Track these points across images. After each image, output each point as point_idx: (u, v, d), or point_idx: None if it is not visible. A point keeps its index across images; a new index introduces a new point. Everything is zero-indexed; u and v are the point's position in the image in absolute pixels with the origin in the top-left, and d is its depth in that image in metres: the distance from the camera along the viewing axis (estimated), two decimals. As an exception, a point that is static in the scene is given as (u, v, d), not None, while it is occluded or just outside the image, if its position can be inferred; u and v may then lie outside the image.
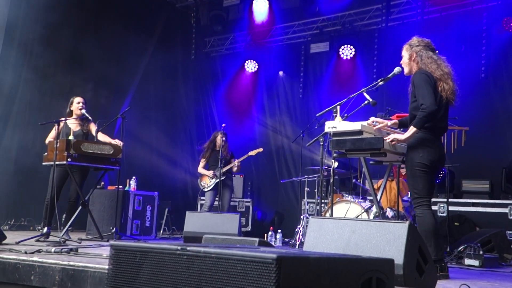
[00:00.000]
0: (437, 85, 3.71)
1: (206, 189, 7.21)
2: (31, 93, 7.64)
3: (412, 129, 3.74)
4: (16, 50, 7.42)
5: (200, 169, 7.31)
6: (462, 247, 4.91)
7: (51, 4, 7.66)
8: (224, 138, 7.13)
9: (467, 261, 4.65)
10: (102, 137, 5.73)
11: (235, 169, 7.23)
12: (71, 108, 5.74)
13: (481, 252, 4.67)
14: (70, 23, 7.99)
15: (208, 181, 7.20)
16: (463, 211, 6.70)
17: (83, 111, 5.69)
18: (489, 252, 5.20)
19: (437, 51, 3.89)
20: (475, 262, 4.59)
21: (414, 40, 3.92)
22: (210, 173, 7.16)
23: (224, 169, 7.07)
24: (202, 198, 8.62)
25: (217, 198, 7.21)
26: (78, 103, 5.71)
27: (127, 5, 8.74)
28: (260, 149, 7.36)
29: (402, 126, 4.15)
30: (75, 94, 5.97)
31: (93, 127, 5.79)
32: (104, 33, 8.43)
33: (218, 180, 7.02)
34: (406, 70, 3.96)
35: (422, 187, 3.72)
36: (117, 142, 5.66)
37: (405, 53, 3.93)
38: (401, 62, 3.99)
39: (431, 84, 3.69)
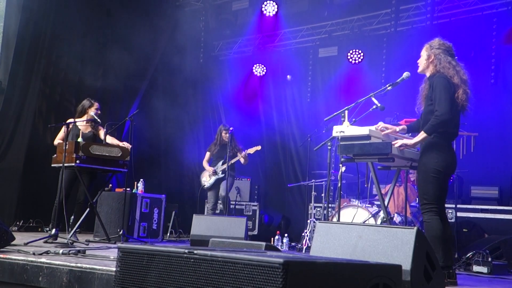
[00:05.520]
0: (456, 91, 3.67)
1: (206, 187, 7.33)
2: (41, 95, 7.70)
3: (422, 135, 3.72)
4: (26, 52, 7.48)
5: (204, 162, 7.47)
6: (470, 253, 4.87)
7: (60, 6, 7.74)
8: (227, 134, 7.19)
9: (476, 268, 4.62)
10: (110, 140, 5.80)
11: (242, 160, 7.24)
12: (88, 111, 5.80)
13: (489, 259, 4.63)
14: (79, 26, 8.06)
15: (208, 178, 7.29)
16: (471, 217, 6.65)
17: (92, 113, 5.76)
18: (498, 259, 5.16)
19: (456, 57, 3.87)
20: (484, 269, 4.55)
21: (436, 41, 3.89)
22: (210, 169, 7.23)
23: (222, 167, 7.12)
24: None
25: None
26: (96, 109, 5.81)
27: (136, 9, 8.79)
28: (258, 147, 7.31)
29: (411, 131, 4.13)
30: (84, 97, 6.03)
31: (101, 131, 5.86)
32: (113, 36, 8.48)
33: (216, 177, 7.16)
34: (419, 69, 3.94)
35: (432, 193, 3.69)
36: (125, 144, 5.70)
37: (423, 52, 3.90)
38: (417, 61, 3.96)
39: (451, 91, 3.65)
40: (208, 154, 7.43)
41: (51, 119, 7.61)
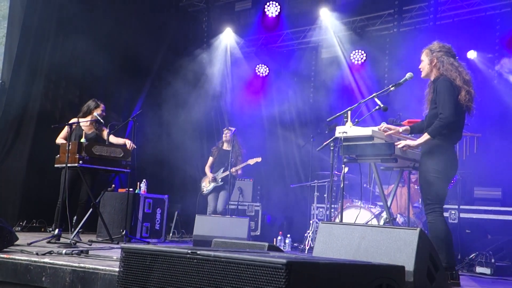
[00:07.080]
0: (459, 93, 3.67)
1: (204, 193, 7.36)
2: (44, 95, 7.71)
3: (425, 136, 3.72)
4: (29, 52, 7.50)
5: (206, 168, 7.47)
6: (473, 254, 4.87)
7: (63, 6, 7.75)
8: (231, 138, 7.13)
9: (479, 269, 4.61)
10: (113, 139, 5.81)
11: (233, 170, 7.20)
12: (93, 112, 5.79)
13: (492, 260, 4.62)
14: (83, 26, 8.07)
15: (207, 184, 7.30)
16: (474, 218, 6.64)
17: (96, 114, 5.78)
18: (501, 260, 5.15)
19: (457, 57, 3.86)
20: (487, 270, 4.55)
21: (435, 45, 3.87)
22: (210, 175, 7.25)
23: (222, 175, 7.14)
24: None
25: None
26: (102, 111, 5.83)
27: (139, 10, 8.80)
28: (259, 159, 7.31)
29: (414, 132, 4.13)
30: (87, 98, 6.04)
31: (105, 132, 5.88)
32: (116, 37, 8.49)
33: (215, 185, 7.21)
34: (423, 74, 3.94)
35: (435, 194, 3.69)
36: (128, 143, 5.69)
37: (425, 58, 3.89)
38: (419, 67, 3.95)
39: (454, 94, 3.65)
40: (210, 159, 7.42)
41: (55, 119, 7.62)
